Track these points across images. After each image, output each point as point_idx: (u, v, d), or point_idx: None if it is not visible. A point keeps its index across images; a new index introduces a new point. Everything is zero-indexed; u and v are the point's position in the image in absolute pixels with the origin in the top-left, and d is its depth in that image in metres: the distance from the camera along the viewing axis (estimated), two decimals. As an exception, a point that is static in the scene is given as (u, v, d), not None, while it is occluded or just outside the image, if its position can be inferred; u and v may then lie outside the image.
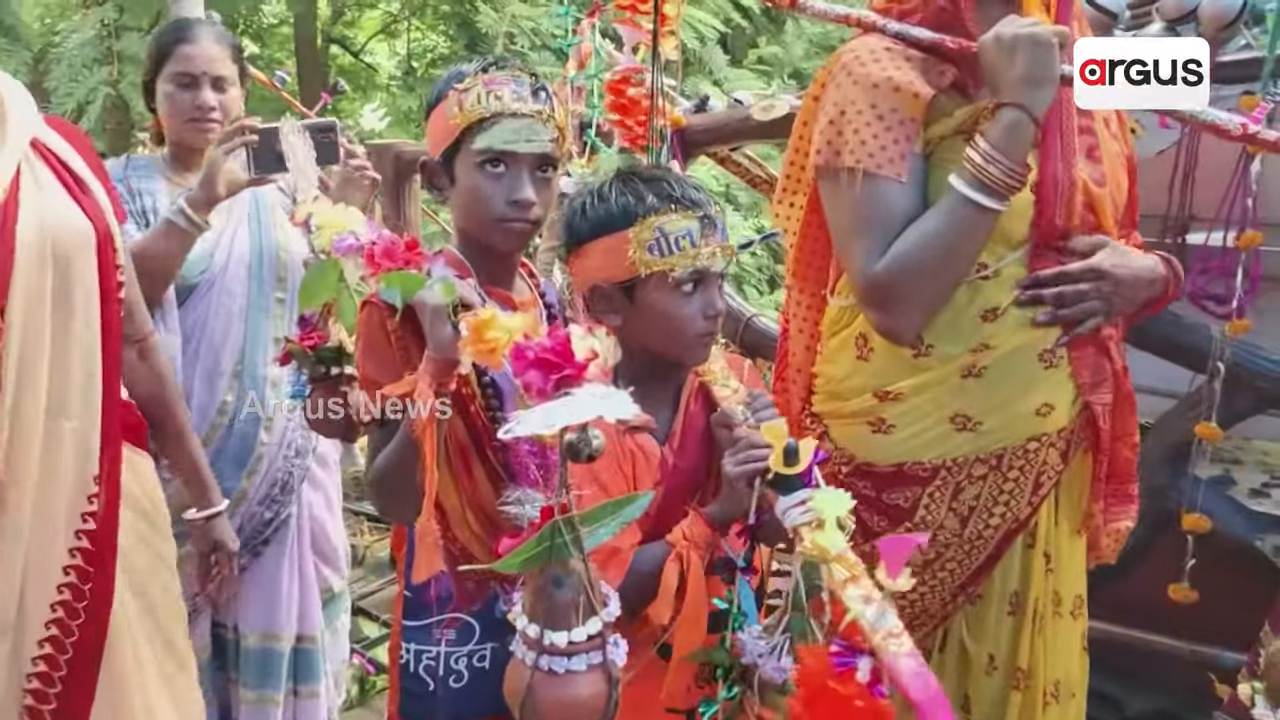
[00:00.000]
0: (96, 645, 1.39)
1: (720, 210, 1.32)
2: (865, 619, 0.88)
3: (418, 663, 1.41)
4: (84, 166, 1.41)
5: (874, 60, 1.30)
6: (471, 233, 1.37)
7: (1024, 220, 1.31)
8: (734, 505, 1.21)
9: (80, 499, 1.37)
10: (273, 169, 1.65)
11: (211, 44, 1.86)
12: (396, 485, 1.27)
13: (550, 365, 0.97)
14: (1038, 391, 1.35)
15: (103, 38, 5.54)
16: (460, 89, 1.31)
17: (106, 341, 1.39)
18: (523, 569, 0.96)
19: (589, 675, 0.97)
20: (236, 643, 1.95)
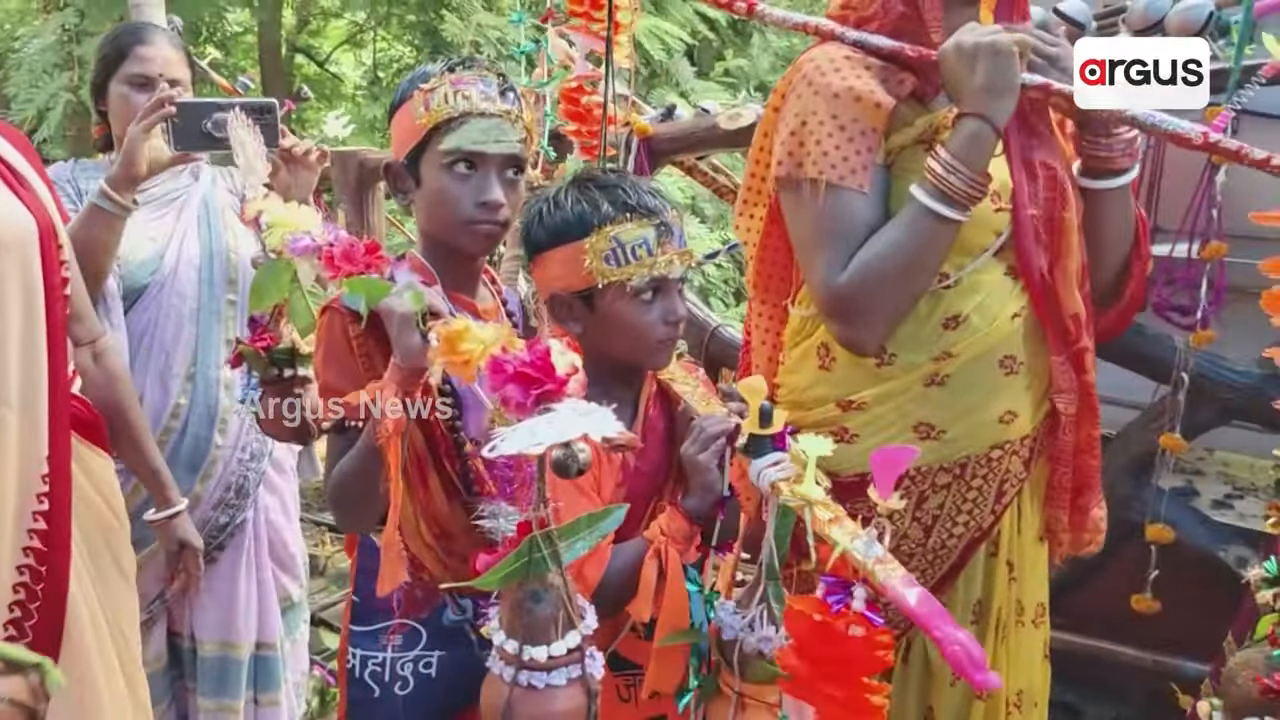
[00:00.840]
0: (53, 642, 1.37)
1: (678, 215, 1.32)
2: (856, 550, 0.90)
3: (364, 668, 1.39)
4: (23, 163, 1.39)
5: (834, 70, 1.30)
6: (437, 236, 1.35)
7: (985, 228, 1.31)
8: (706, 492, 1.23)
9: (30, 495, 1.36)
10: (196, 146, 1.61)
11: (167, 47, 1.84)
12: (356, 494, 1.25)
13: (530, 380, 0.95)
14: (1000, 399, 1.34)
15: (63, 43, 5.46)
16: (426, 89, 1.29)
17: (52, 335, 1.37)
18: (502, 585, 0.95)
19: (569, 689, 0.97)
20: (193, 651, 1.92)
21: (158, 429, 1.81)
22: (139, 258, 1.82)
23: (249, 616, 1.94)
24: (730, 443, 1.20)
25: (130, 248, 1.80)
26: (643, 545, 1.24)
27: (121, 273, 1.80)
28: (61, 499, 1.38)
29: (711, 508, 1.24)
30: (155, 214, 1.87)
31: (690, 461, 1.23)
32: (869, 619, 0.90)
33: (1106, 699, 2.16)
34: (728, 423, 1.22)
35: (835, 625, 0.91)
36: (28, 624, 1.35)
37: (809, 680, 0.94)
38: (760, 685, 1.11)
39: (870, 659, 0.90)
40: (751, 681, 1.11)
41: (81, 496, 1.44)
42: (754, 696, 1.12)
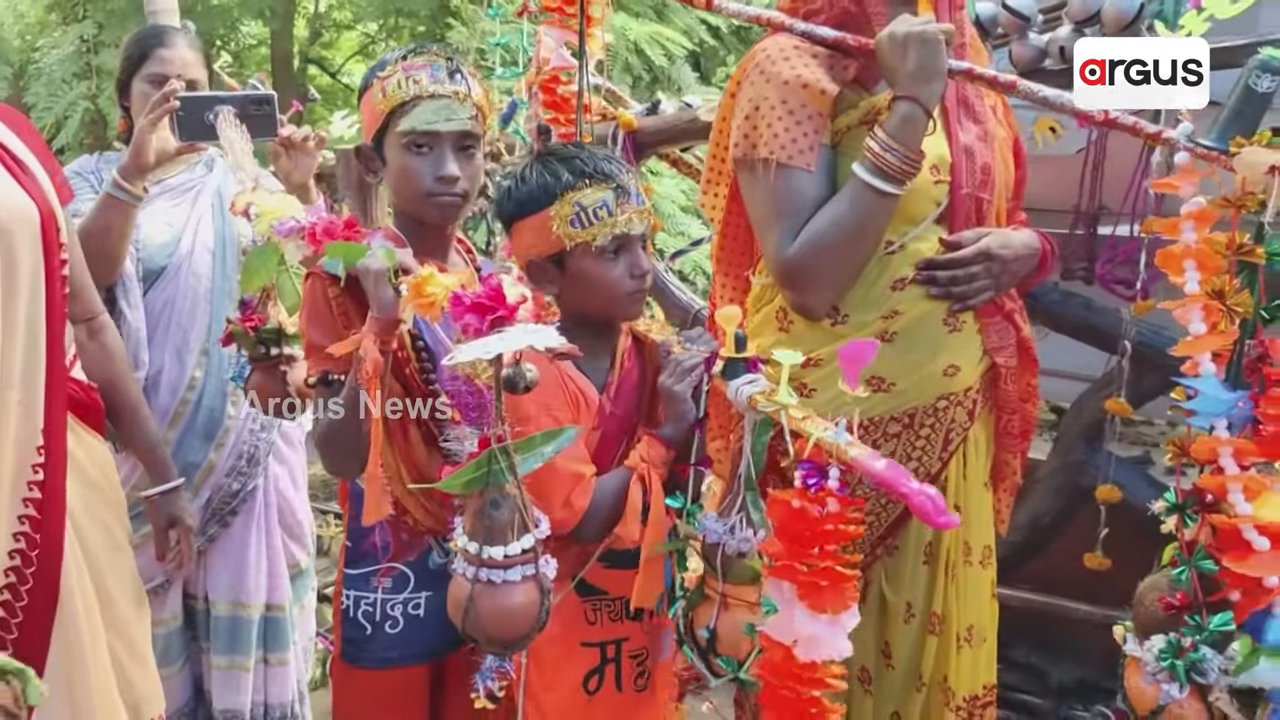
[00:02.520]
0: (48, 609, 1.43)
1: (634, 178, 1.43)
2: (829, 438, 1.05)
3: (356, 608, 1.52)
4: (24, 149, 1.46)
5: (784, 59, 1.43)
6: (405, 209, 1.48)
7: (925, 198, 1.44)
8: (681, 419, 1.38)
9: (25, 468, 1.41)
10: (200, 136, 1.71)
11: (186, 49, 1.98)
12: (342, 440, 1.36)
13: (485, 309, 1.10)
14: (944, 354, 1.47)
15: (82, 53, 5.64)
16: (383, 77, 1.43)
17: (51, 316, 1.44)
18: (463, 490, 1.09)
19: (523, 585, 1.11)
20: (207, 611, 2.04)
21: (175, 401, 1.95)
22: (157, 241, 1.96)
23: (259, 578, 2.06)
24: (708, 369, 1.35)
25: (149, 233, 1.95)
26: (626, 473, 1.39)
27: (141, 256, 1.94)
28: (56, 471, 1.44)
29: (686, 433, 1.39)
30: (173, 202, 2.01)
31: (668, 391, 1.38)
32: (842, 494, 1.06)
33: (1070, 660, 2.26)
34: (700, 356, 1.37)
35: (813, 505, 1.07)
36: (23, 588, 1.41)
37: (788, 561, 1.10)
38: (741, 585, 1.26)
39: (843, 531, 1.07)
40: (733, 582, 1.26)
41: (76, 470, 1.50)
42: (735, 596, 1.26)
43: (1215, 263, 1.09)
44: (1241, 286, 1.11)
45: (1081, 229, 2.04)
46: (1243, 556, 1.06)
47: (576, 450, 1.40)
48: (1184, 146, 1.13)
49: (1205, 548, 1.12)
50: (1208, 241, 1.09)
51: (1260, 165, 1.05)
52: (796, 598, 1.12)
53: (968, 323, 1.48)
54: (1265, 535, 1.06)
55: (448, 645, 1.52)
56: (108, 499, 1.59)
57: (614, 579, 1.46)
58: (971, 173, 1.46)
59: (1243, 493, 1.07)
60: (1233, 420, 1.10)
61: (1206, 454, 1.10)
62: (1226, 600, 1.12)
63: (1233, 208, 1.08)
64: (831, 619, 1.09)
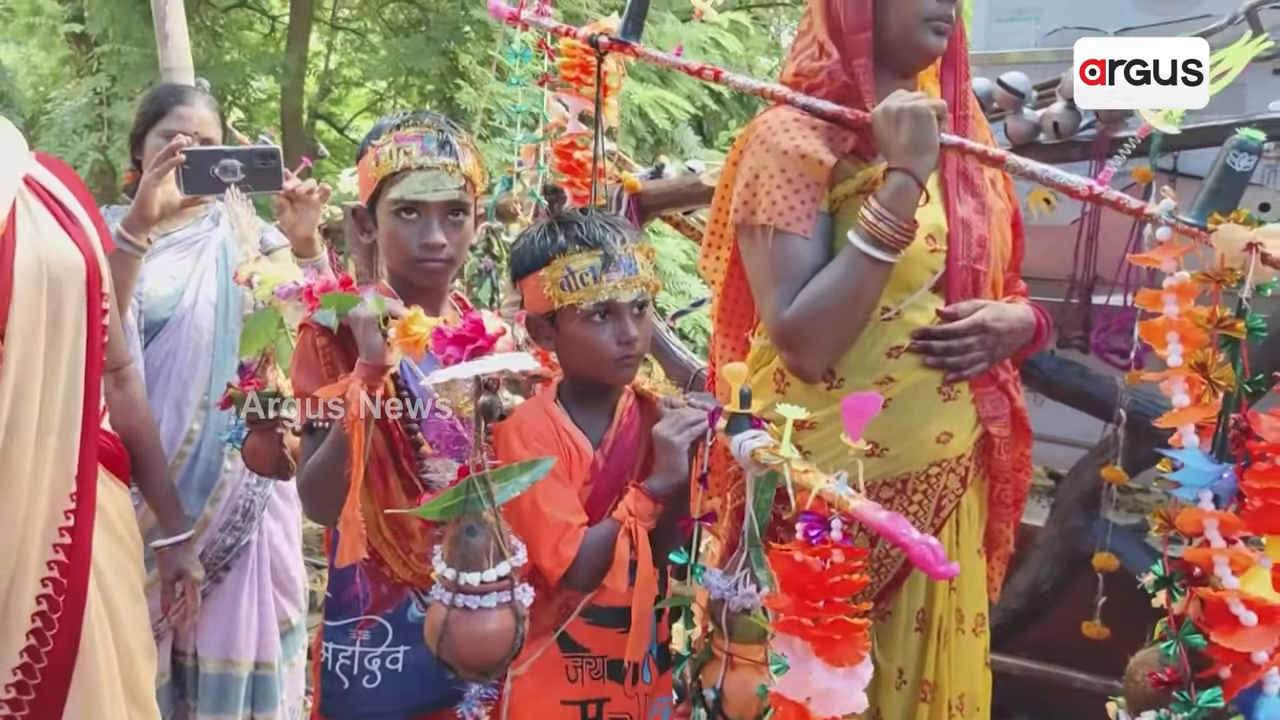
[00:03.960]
0: (69, 658, 1.47)
1: (635, 249, 1.46)
2: (831, 490, 1.06)
3: (335, 661, 1.51)
4: (74, 201, 1.53)
5: (784, 130, 1.47)
6: (395, 271, 1.53)
7: (921, 267, 1.46)
8: (671, 474, 1.39)
9: (58, 513, 1.46)
10: (204, 190, 1.75)
11: (204, 108, 2.04)
12: (325, 485, 1.38)
13: (465, 340, 1.14)
14: (938, 421, 1.48)
15: (94, 105, 5.76)
16: (377, 145, 1.48)
17: (90, 364, 1.50)
18: (440, 516, 1.12)
19: (498, 612, 1.13)
20: (195, 668, 2.03)
21: (172, 453, 1.95)
22: (161, 294, 1.98)
23: (249, 635, 2.05)
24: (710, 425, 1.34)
25: (153, 285, 1.97)
26: (613, 525, 1.39)
27: (144, 308, 1.96)
28: (85, 519, 1.49)
29: (675, 488, 1.40)
30: (178, 256, 2.04)
31: (664, 440, 1.39)
32: (845, 544, 1.06)
33: (1067, 727, 2.24)
34: (703, 411, 1.38)
35: (816, 558, 1.06)
36: (49, 633, 1.45)
37: (796, 615, 1.08)
38: (747, 644, 1.24)
39: (848, 581, 1.06)
40: (739, 640, 1.24)
41: (103, 520, 1.54)
42: (742, 655, 1.25)
43: (1198, 336, 1.11)
44: (1225, 360, 1.12)
45: (1077, 298, 2.06)
46: (1230, 631, 1.06)
47: (567, 501, 1.42)
48: (1165, 222, 1.15)
49: (1194, 622, 1.11)
50: (1190, 315, 1.10)
51: (1237, 242, 1.07)
52: (810, 653, 1.10)
53: (962, 392, 1.50)
54: (1252, 610, 1.05)
55: (428, 702, 1.51)
56: (129, 550, 1.63)
57: (597, 636, 1.46)
58: (968, 244, 1.49)
59: (1229, 566, 1.07)
60: (1218, 493, 1.11)
61: (1192, 526, 1.11)
62: (1216, 677, 1.11)
63: (1213, 282, 1.10)
64: (848, 672, 1.08)
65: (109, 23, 5.76)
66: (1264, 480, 1.05)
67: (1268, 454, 1.05)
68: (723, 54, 6.31)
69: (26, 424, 1.42)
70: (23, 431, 1.42)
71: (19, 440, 1.42)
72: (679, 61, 1.72)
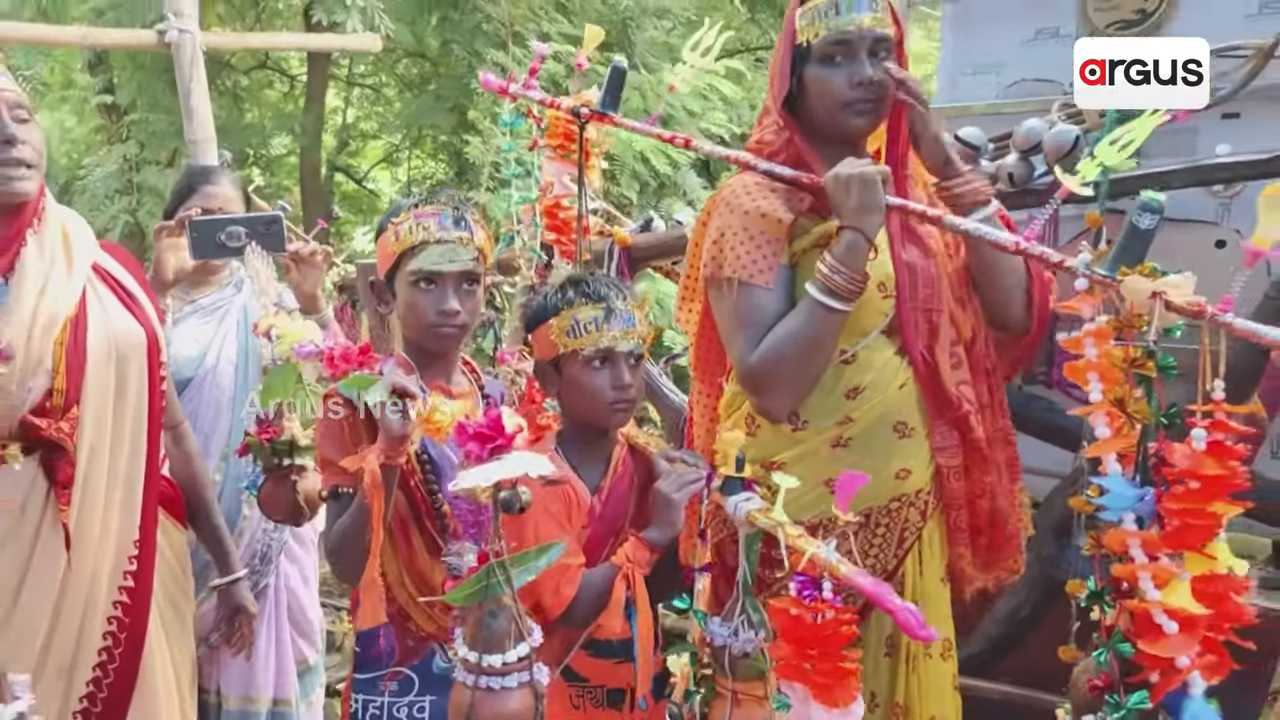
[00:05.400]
0: (129, 685, 1.64)
1: (634, 305, 1.61)
2: (822, 555, 1.21)
3: (364, 711, 1.62)
4: (134, 283, 1.72)
5: (746, 193, 1.61)
6: (412, 337, 1.65)
7: (874, 312, 1.59)
8: (669, 527, 1.52)
9: (123, 559, 1.63)
10: (212, 255, 1.91)
11: (229, 188, 2.21)
12: (349, 549, 1.49)
13: (486, 437, 1.24)
14: (896, 458, 1.60)
15: (124, 171, 6.03)
16: (396, 222, 1.61)
17: (151, 426, 1.68)
18: (464, 602, 1.22)
19: (519, 691, 1.22)
20: (219, 705, 2.15)
21: (196, 503, 2.10)
22: (186, 355, 2.14)
23: (268, 674, 2.18)
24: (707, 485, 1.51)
25: (179, 347, 2.13)
26: (612, 569, 1.52)
27: (170, 368, 2.11)
28: (146, 564, 1.67)
29: (669, 540, 1.53)
30: (203, 320, 2.20)
31: (665, 498, 1.51)
32: (835, 603, 1.21)
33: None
34: (702, 471, 1.52)
35: (809, 613, 1.21)
36: (111, 666, 1.62)
37: (795, 662, 1.24)
38: (749, 682, 1.37)
39: (840, 634, 1.21)
40: (741, 679, 1.37)
41: (162, 560, 1.71)
42: (745, 692, 1.38)
43: (1115, 375, 1.22)
44: (1142, 396, 1.23)
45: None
46: (1155, 640, 1.16)
47: (568, 544, 1.51)
48: (1082, 273, 1.27)
49: (1124, 632, 1.22)
50: (1108, 356, 1.22)
51: (1142, 291, 1.19)
52: (809, 696, 1.25)
53: (917, 429, 1.61)
54: (1174, 619, 1.16)
55: None
56: (181, 586, 1.80)
57: (597, 668, 1.58)
58: (914, 287, 1.61)
59: (1152, 580, 1.18)
60: (1140, 514, 1.21)
61: (1118, 545, 1.21)
62: (1146, 681, 1.21)
63: (1125, 327, 1.22)
64: (844, 711, 1.23)
65: (137, 93, 6.03)
66: (1180, 502, 1.16)
67: (1183, 479, 1.16)
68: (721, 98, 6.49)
69: (97, 481, 1.60)
70: (95, 487, 1.59)
71: (91, 495, 1.59)
72: (652, 131, 1.87)
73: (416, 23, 6.59)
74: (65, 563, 1.57)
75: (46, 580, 1.56)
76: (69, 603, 1.58)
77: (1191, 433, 1.15)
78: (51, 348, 1.55)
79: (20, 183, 1.55)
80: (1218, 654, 1.18)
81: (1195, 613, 1.17)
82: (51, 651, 1.58)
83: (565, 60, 6.37)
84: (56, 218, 1.64)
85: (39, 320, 1.55)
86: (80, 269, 1.63)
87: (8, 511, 1.54)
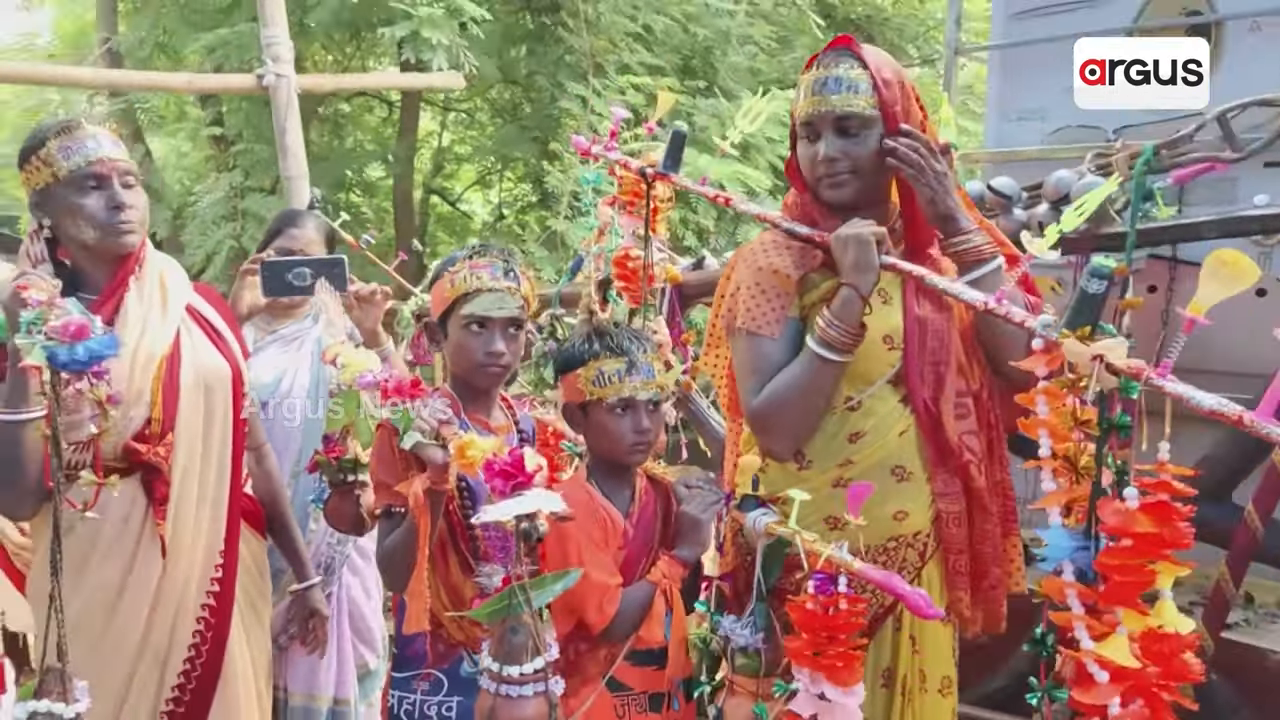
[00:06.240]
0: (213, 678, 1.86)
1: (653, 356, 1.76)
2: (837, 555, 1.40)
3: (399, 706, 1.80)
4: (222, 322, 1.94)
5: (762, 251, 1.75)
6: (459, 374, 1.83)
7: (880, 363, 1.69)
8: (696, 544, 1.73)
9: (210, 566, 1.85)
10: (281, 293, 2.14)
11: (312, 231, 2.44)
12: (399, 562, 1.67)
13: (509, 475, 1.41)
14: (893, 500, 1.69)
15: (230, 198, 6.46)
16: (452, 271, 1.80)
17: (235, 449, 1.90)
18: (489, 619, 1.40)
19: (535, 700, 1.40)
20: (285, 701, 2.36)
21: (268, 517, 2.31)
22: (264, 381, 2.36)
23: (329, 674, 2.38)
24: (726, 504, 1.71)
25: (258, 373, 2.35)
26: (650, 586, 1.71)
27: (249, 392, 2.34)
28: (230, 571, 1.88)
29: (698, 556, 1.74)
30: (282, 349, 2.43)
31: (690, 519, 1.72)
32: (850, 595, 1.41)
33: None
34: (721, 494, 1.72)
35: (826, 606, 1.42)
36: (199, 661, 1.84)
37: (810, 651, 1.43)
38: (744, 677, 1.58)
39: (852, 623, 1.41)
40: (739, 673, 1.59)
41: (244, 567, 1.93)
42: (740, 685, 1.59)
43: (1064, 432, 1.30)
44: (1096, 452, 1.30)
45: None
46: (1086, 688, 1.23)
47: (607, 565, 1.70)
48: (1039, 334, 1.33)
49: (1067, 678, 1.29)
50: (1058, 413, 1.30)
51: (1080, 354, 1.25)
52: (821, 678, 1.44)
53: (916, 474, 1.70)
54: (1106, 669, 1.22)
55: None
56: (260, 589, 2.01)
57: (638, 675, 1.74)
58: (923, 341, 1.70)
59: (1088, 630, 1.24)
60: (1079, 565, 1.27)
61: (1056, 594, 1.29)
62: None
63: (1071, 388, 1.29)
64: (850, 690, 1.43)
65: (243, 124, 6.47)
66: (1114, 558, 1.22)
67: (1117, 536, 1.23)
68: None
69: (189, 498, 1.81)
70: (186, 504, 1.81)
71: (183, 510, 1.81)
72: (702, 190, 2.02)
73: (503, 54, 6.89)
74: (161, 569, 1.78)
75: (145, 583, 1.78)
76: (164, 603, 1.79)
77: (1125, 491, 1.21)
78: (150, 382, 1.77)
79: (127, 237, 1.78)
80: (1161, 711, 1.22)
81: (1128, 666, 1.21)
82: (149, 644, 1.79)
83: (645, 90, 6.59)
84: (156, 265, 1.87)
85: (139, 359, 1.77)
86: (174, 311, 1.85)
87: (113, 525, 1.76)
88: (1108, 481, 1.26)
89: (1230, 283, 1.13)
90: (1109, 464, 1.27)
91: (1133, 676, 1.21)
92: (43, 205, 1.77)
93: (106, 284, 1.79)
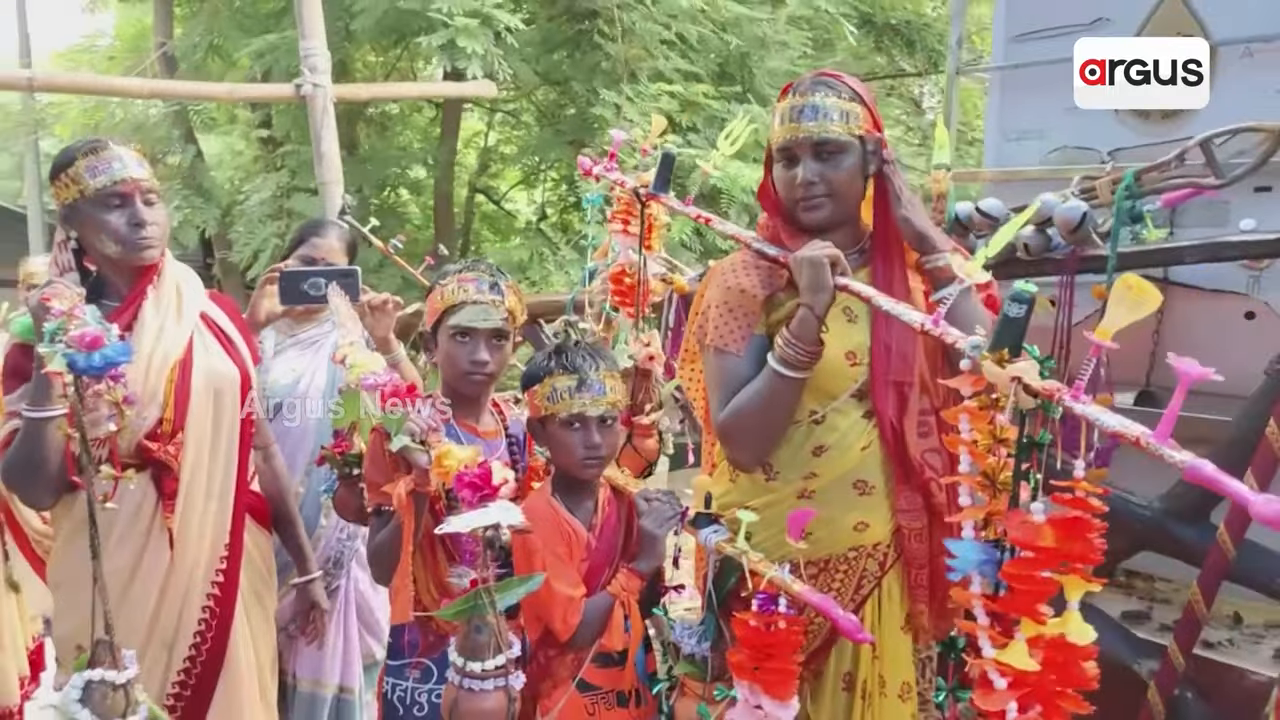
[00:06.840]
0: (217, 664, 1.98)
1: (605, 374, 1.84)
2: (780, 577, 1.52)
3: (393, 693, 1.91)
4: (234, 329, 2.08)
5: (731, 271, 1.83)
6: (448, 381, 1.95)
7: (843, 378, 1.76)
8: (653, 557, 1.83)
9: (216, 558, 1.99)
10: (297, 301, 2.25)
11: (334, 240, 2.56)
12: (386, 557, 1.81)
13: (476, 486, 1.52)
14: (855, 512, 1.77)
15: (276, 197, 6.68)
16: (443, 284, 1.92)
17: (241, 448, 2.04)
18: (456, 618, 1.51)
19: (495, 694, 1.51)
20: (293, 686, 2.49)
21: (283, 508, 2.45)
22: (283, 383, 2.50)
23: (335, 662, 2.51)
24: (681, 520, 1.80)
25: (277, 375, 2.49)
26: (609, 598, 1.81)
27: (268, 393, 2.48)
28: (234, 562, 2.01)
29: (654, 568, 1.83)
30: (301, 352, 2.56)
31: (648, 533, 1.81)
32: (789, 616, 1.51)
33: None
34: (678, 509, 1.81)
35: (766, 623, 1.51)
36: (204, 647, 1.97)
37: (750, 665, 1.53)
38: (691, 679, 1.72)
39: (791, 642, 1.51)
40: (686, 675, 1.73)
41: (248, 559, 2.06)
42: (689, 687, 1.73)
43: (983, 450, 1.35)
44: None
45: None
46: (986, 692, 1.29)
47: (571, 577, 1.80)
48: (969, 355, 1.37)
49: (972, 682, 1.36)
50: (981, 432, 1.36)
51: (999, 376, 1.30)
52: (759, 691, 1.55)
53: (878, 488, 1.77)
54: (1005, 675, 1.27)
55: None
56: (265, 581, 2.14)
57: (604, 675, 1.84)
58: (888, 359, 1.77)
59: (989, 638, 1.30)
60: (984, 574, 1.33)
61: (964, 603, 1.35)
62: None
63: (993, 406, 1.35)
64: (784, 704, 1.54)
65: (290, 126, 6.68)
66: (1016, 568, 1.28)
67: (1018, 548, 1.28)
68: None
69: (196, 493, 1.95)
70: (194, 499, 1.94)
71: (191, 505, 1.94)
72: (686, 210, 2.10)
73: (542, 60, 7.02)
74: (169, 559, 1.92)
75: (154, 572, 1.91)
76: (171, 590, 1.92)
77: (1031, 505, 1.27)
78: (163, 385, 1.91)
79: (146, 252, 1.91)
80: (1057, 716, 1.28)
81: (1027, 670, 1.25)
82: (157, 628, 1.92)
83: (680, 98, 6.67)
84: (173, 275, 2.01)
85: (154, 363, 1.91)
86: (189, 318, 1.99)
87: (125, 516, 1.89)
88: (1025, 497, 1.32)
89: (1135, 308, 1.17)
90: (1027, 479, 1.33)
91: (1030, 683, 1.27)
92: (70, 219, 1.92)
93: (127, 292, 1.94)
